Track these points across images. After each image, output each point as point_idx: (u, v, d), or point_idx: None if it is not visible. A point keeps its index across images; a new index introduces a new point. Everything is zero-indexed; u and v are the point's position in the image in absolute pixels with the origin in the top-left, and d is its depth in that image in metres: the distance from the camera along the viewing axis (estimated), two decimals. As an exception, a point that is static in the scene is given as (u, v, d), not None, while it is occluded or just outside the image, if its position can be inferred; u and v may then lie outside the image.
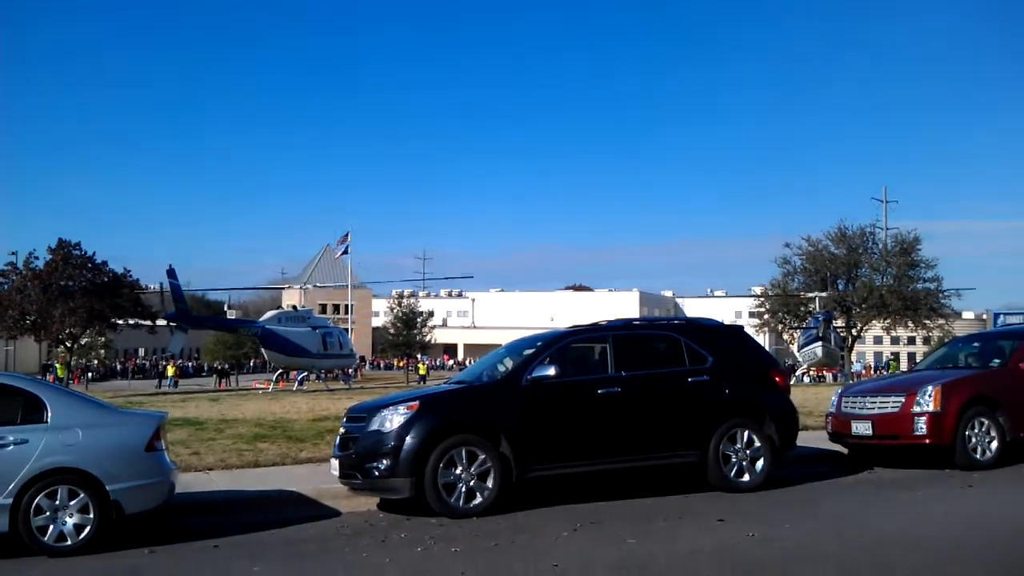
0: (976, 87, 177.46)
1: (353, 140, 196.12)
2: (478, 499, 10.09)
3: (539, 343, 11.45)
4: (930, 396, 12.50)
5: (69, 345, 55.28)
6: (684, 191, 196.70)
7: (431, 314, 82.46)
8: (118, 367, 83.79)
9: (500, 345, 13.43)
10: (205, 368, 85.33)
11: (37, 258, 51.51)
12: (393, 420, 10.18)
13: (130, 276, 54.50)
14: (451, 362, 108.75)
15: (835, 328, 58.77)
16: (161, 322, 56.63)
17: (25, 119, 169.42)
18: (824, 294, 59.55)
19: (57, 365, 58.96)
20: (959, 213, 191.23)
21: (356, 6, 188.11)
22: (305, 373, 54.59)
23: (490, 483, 10.13)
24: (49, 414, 8.87)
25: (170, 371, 67.53)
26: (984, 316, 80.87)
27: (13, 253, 53.62)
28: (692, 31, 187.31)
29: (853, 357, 70.87)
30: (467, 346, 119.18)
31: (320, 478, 11.46)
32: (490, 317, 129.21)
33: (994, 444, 12.56)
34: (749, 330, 15.65)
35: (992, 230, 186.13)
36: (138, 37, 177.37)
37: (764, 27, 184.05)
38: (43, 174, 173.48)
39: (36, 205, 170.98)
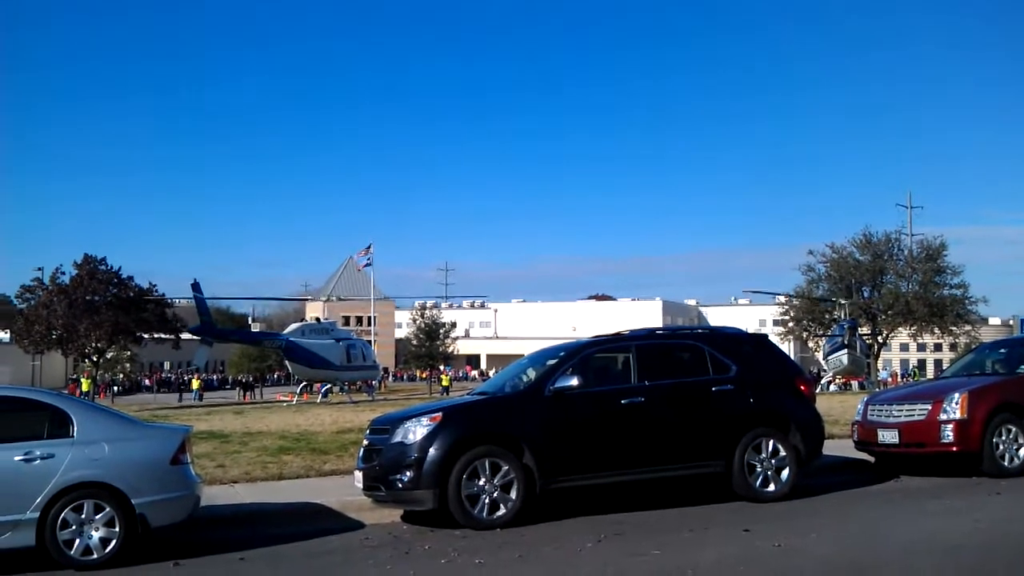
0: (1001, 91, 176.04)
1: (375, 153, 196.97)
2: (502, 510, 10.06)
3: (562, 353, 11.42)
4: (957, 403, 12.39)
5: (95, 359, 55.72)
6: (706, 199, 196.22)
7: (454, 325, 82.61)
8: (144, 381, 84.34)
9: (523, 355, 13.41)
10: (229, 381, 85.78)
11: (63, 273, 52.06)
12: (416, 432, 10.18)
13: (156, 291, 54.91)
14: (474, 373, 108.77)
15: (861, 335, 58.41)
16: (186, 336, 57.03)
17: (48, 135, 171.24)
18: (843, 301, 59.13)
19: (82, 379, 59.37)
20: (984, 219, 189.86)
21: (376, 26, 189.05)
22: (329, 385, 54.73)
23: (513, 494, 10.11)
24: (75, 428, 8.92)
25: (195, 384, 68.00)
26: (1011, 322, 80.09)
27: (39, 269, 54.25)
28: (710, 36, 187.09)
29: (879, 365, 70.37)
30: (490, 357, 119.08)
31: (344, 490, 11.47)
32: (513, 328, 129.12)
33: (1022, 451, 12.43)
34: (774, 338, 15.56)
35: (1018, 235, 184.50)
36: (163, 53, 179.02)
37: (786, 31, 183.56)
38: (68, 190, 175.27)
39: (62, 221, 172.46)
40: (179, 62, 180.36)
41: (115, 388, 71.78)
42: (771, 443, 11.22)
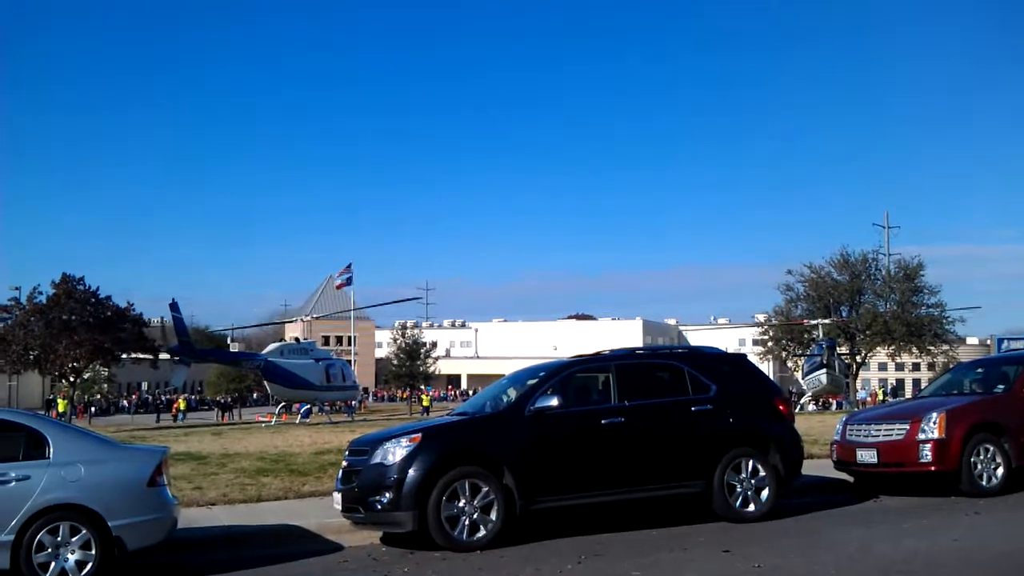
0: (979, 110, 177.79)
1: (355, 172, 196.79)
2: (482, 532, 10.01)
3: (542, 373, 11.42)
4: (935, 423, 12.45)
5: (72, 380, 55.25)
6: (686, 218, 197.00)
7: (434, 345, 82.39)
8: (123, 403, 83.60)
9: (503, 375, 13.39)
10: (207, 401, 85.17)
11: (41, 293, 51.64)
12: (396, 453, 10.13)
13: (133, 310, 54.57)
14: (454, 393, 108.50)
15: (839, 355, 58.71)
16: (164, 356, 56.68)
17: (26, 154, 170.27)
18: (827, 321, 59.49)
19: (59, 400, 58.85)
20: (962, 238, 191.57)
21: (353, 40, 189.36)
22: (308, 406, 54.48)
23: (494, 516, 10.06)
24: (51, 450, 8.83)
25: (182, 404, 67.69)
26: (988, 342, 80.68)
27: (16, 288, 53.84)
28: (693, 59, 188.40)
29: (858, 384, 70.72)
30: (471, 376, 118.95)
31: (323, 512, 11.40)
32: (493, 347, 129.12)
33: (1000, 471, 12.50)
34: (753, 358, 15.61)
35: (996, 255, 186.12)
36: (140, 69, 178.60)
37: (764, 53, 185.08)
38: (46, 209, 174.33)
39: (39, 240, 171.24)
40: (157, 76, 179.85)
41: (92, 409, 71.14)
42: (750, 463, 11.24)
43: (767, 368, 72.31)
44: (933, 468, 12.38)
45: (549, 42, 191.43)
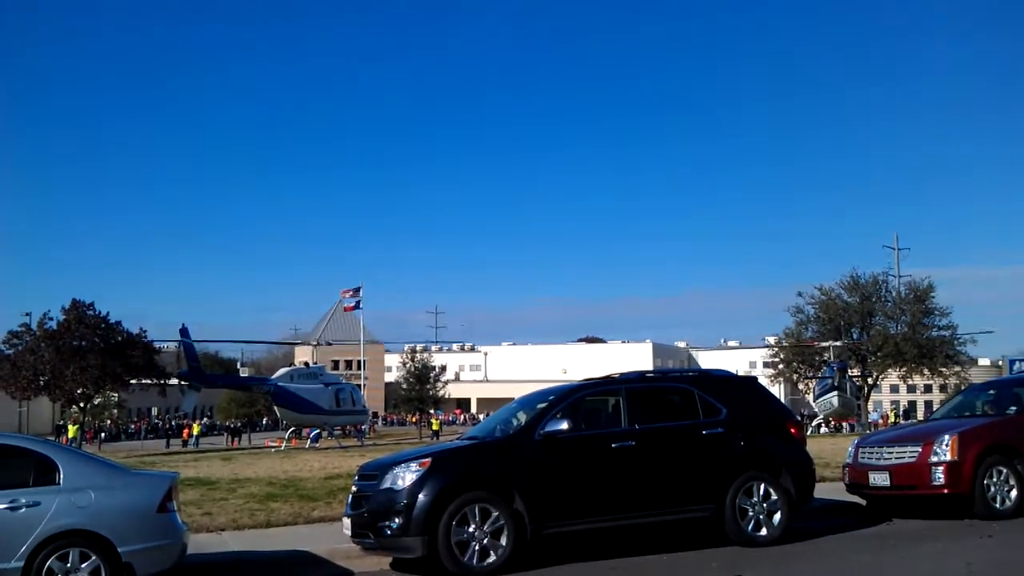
0: (988, 130, 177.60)
1: (365, 196, 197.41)
2: (492, 557, 9.95)
3: (552, 397, 11.38)
4: (947, 445, 12.38)
5: (82, 405, 55.28)
6: (696, 241, 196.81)
7: (444, 368, 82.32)
8: (132, 428, 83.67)
9: (513, 399, 13.37)
10: (217, 426, 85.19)
11: (51, 319, 51.77)
12: (405, 478, 10.10)
13: (144, 336, 54.65)
14: (464, 417, 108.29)
15: (850, 377, 58.53)
16: (173, 381, 56.72)
17: (37, 181, 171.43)
18: (838, 343, 59.35)
19: (70, 425, 58.85)
20: (972, 259, 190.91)
21: (363, 65, 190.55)
22: (318, 430, 54.46)
23: (504, 541, 10.00)
24: (61, 476, 8.83)
25: (196, 429, 67.90)
26: (1000, 363, 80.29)
27: (27, 314, 53.97)
28: (701, 81, 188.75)
29: (870, 406, 70.42)
30: (480, 400, 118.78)
31: (332, 537, 11.37)
32: (503, 371, 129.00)
33: (1013, 493, 12.41)
34: (764, 380, 15.56)
35: (1007, 276, 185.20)
36: (146, 99, 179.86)
37: (770, 74, 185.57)
38: (56, 236, 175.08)
39: (49, 266, 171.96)
40: (169, 101, 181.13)
41: (102, 434, 71.18)
42: (762, 486, 11.17)
43: (778, 391, 72.04)
44: (946, 491, 12.30)
45: (558, 59, 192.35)
